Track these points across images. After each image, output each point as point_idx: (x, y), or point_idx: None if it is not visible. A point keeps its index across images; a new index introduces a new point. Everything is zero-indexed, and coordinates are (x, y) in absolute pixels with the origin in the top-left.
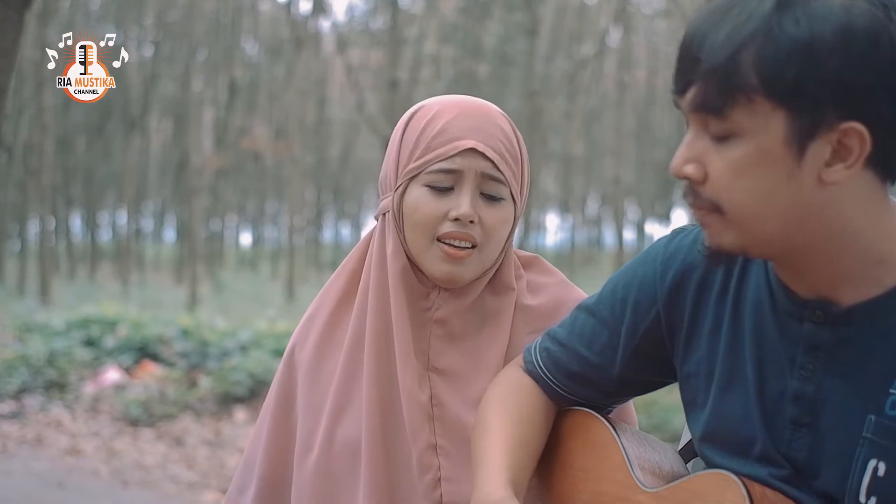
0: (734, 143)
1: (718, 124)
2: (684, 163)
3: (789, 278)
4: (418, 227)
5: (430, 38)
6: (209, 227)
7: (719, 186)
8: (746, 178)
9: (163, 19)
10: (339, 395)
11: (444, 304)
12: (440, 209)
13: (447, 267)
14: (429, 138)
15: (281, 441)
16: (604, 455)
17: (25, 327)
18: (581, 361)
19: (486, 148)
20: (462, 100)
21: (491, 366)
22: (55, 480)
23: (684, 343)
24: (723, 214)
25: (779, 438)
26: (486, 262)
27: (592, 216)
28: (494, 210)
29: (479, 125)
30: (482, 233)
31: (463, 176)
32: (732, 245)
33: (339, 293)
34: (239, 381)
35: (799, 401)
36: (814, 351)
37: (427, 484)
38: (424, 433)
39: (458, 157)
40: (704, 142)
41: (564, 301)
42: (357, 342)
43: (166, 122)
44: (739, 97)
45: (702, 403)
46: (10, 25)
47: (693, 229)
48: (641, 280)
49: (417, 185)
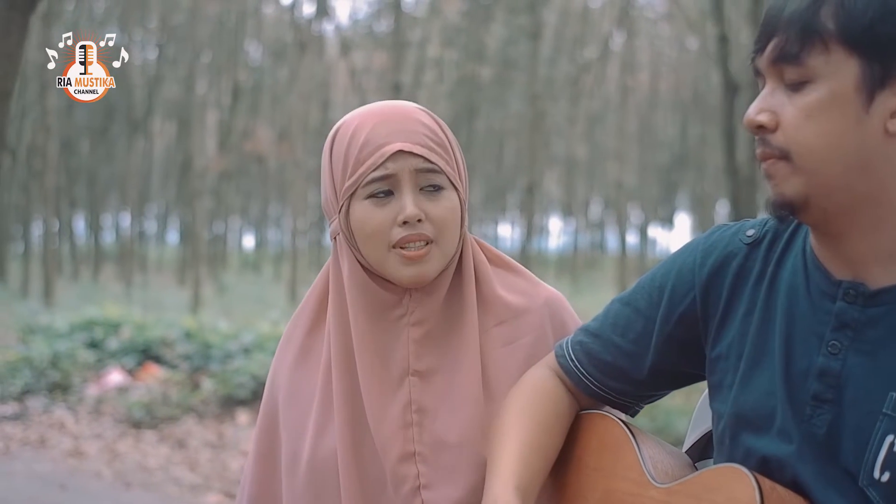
0: (808, 88)
1: (794, 71)
2: (758, 112)
3: (828, 255)
4: (370, 240)
5: (434, 41)
6: (212, 229)
7: (791, 131)
8: (817, 120)
9: (166, 22)
10: (318, 416)
11: (418, 306)
12: (387, 217)
13: (410, 270)
14: (356, 152)
15: (267, 463)
16: (618, 454)
17: (29, 329)
18: (615, 350)
19: (413, 145)
20: (378, 107)
21: (467, 359)
22: (58, 482)
23: (717, 326)
24: (791, 161)
25: (799, 414)
26: (448, 253)
27: (595, 220)
28: (438, 201)
29: (399, 127)
30: (433, 227)
31: (398, 178)
32: (796, 193)
33: (311, 315)
34: (242, 383)
35: (824, 376)
36: (843, 329)
37: (405, 494)
38: (398, 444)
39: (388, 163)
40: (778, 95)
41: (534, 297)
42: (329, 362)
43: (170, 125)
44: (817, 43)
45: (730, 384)
46: (14, 28)
47: (734, 224)
48: (680, 268)
49: (358, 200)
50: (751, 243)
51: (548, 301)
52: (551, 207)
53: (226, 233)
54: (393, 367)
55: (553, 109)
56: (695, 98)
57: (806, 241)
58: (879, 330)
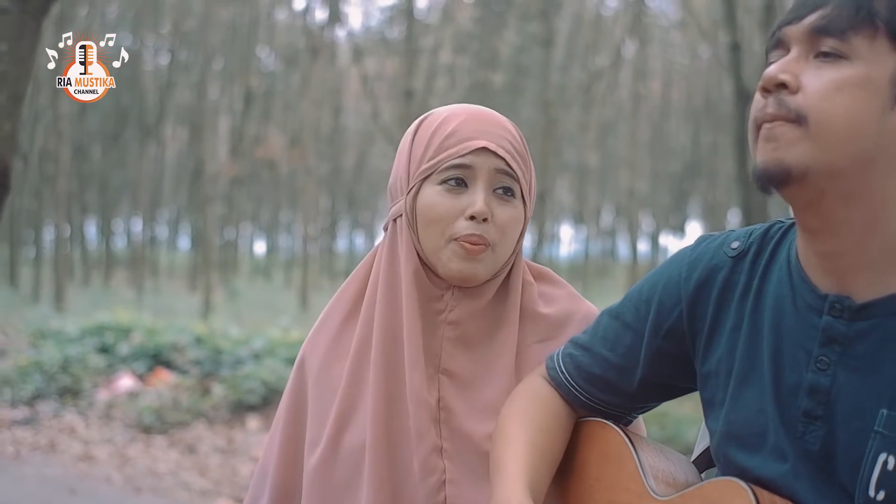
0: (842, 63)
1: (834, 43)
2: (781, 71)
3: (814, 264)
4: (433, 225)
5: (446, 48)
6: (224, 235)
7: (816, 97)
8: (846, 95)
9: (179, 27)
10: (344, 402)
11: (457, 306)
12: (455, 206)
13: (462, 264)
14: (440, 140)
15: (292, 449)
16: (619, 465)
17: (40, 334)
18: (604, 364)
19: (498, 147)
20: (469, 106)
21: (500, 371)
22: (68, 486)
23: (706, 342)
24: (805, 126)
25: (792, 431)
26: (500, 261)
27: (607, 227)
28: (507, 208)
29: (488, 127)
30: (496, 231)
31: (476, 173)
32: (798, 161)
33: (348, 302)
34: (252, 389)
35: (814, 393)
36: (830, 344)
37: (431, 486)
38: (430, 435)
39: (470, 156)
40: (805, 63)
41: (574, 313)
42: (363, 348)
43: (182, 130)
44: (867, 25)
45: (720, 401)
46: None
47: (719, 235)
48: (667, 282)
49: (431, 184)
50: (735, 256)
51: (587, 315)
52: (563, 215)
53: (237, 238)
54: (429, 359)
55: (565, 117)
56: (707, 106)
57: (791, 251)
58: (867, 345)
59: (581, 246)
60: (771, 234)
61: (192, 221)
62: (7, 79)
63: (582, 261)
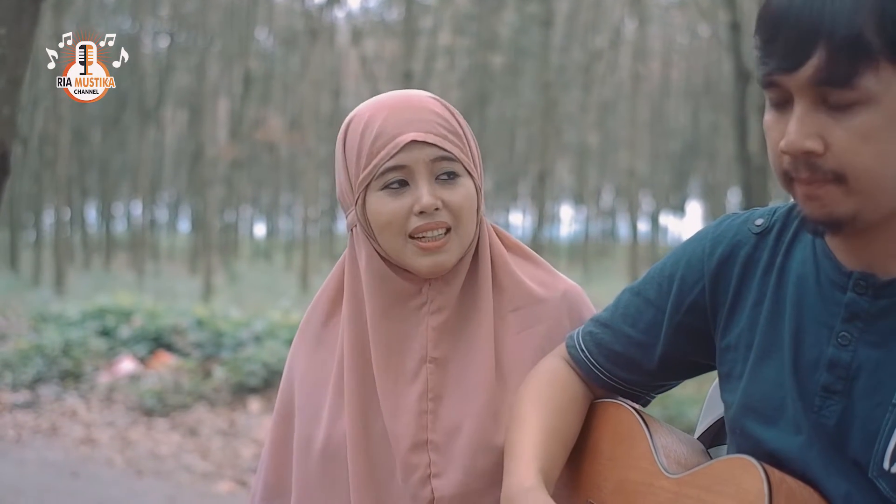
0: (858, 109)
1: (843, 94)
2: (805, 138)
3: (844, 249)
4: (387, 230)
5: (445, 29)
6: (224, 217)
7: (845, 154)
8: (874, 141)
9: (178, 10)
10: (333, 403)
11: (437, 295)
12: (403, 207)
13: (428, 259)
14: (369, 144)
15: (280, 449)
16: (631, 444)
17: (41, 317)
18: (625, 341)
19: (426, 135)
20: (389, 97)
21: (479, 346)
22: (69, 470)
23: (727, 316)
24: (845, 183)
25: (809, 405)
26: (465, 240)
27: (607, 208)
28: (455, 189)
29: (411, 117)
30: (451, 215)
31: (413, 169)
32: (847, 213)
33: (327, 305)
34: (253, 371)
35: (833, 368)
36: (853, 320)
37: (414, 484)
38: (411, 433)
39: (402, 154)
40: (820, 115)
41: (553, 288)
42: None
43: (181, 114)
44: (866, 64)
45: (739, 374)
46: (25, 16)
47: (742, 213)
48: (689, 258)
49: (374, 191)
50: (760, 233)
51: (566, 293)
52: (563, 195)
53: (237, 221)
54: (410, 356)
55: (565, 97)
56: (706, 86)
57: None
58: (890, 321)
59: (581, 226)
60: (795, 212)
61: (193, 204)
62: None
63: (582, 241)
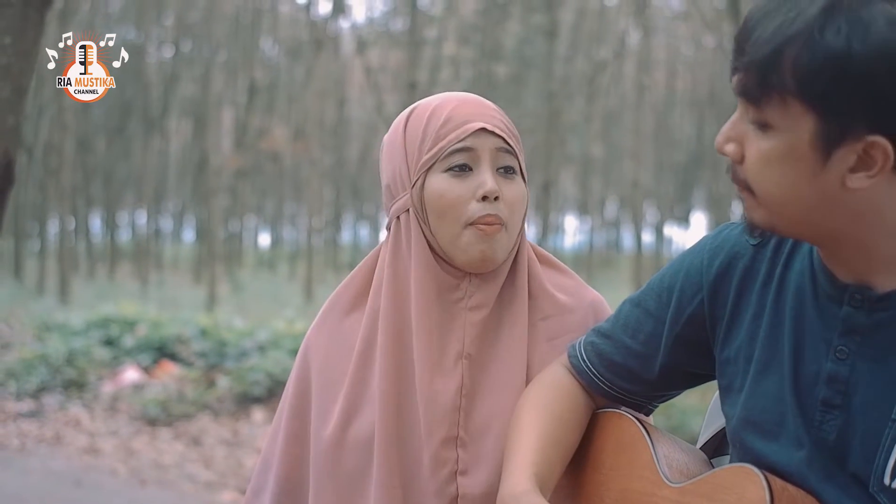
0: (769, 133)
1: (756, 112)
2: (726, 141)
3: (832, 262)
4: (447, 213)
5: (450, 39)
6: (228, 227)
7: (750, 171)
8: (773, 168)
9: (183, 20)
10: (352, 394)
11: (476, 291)
12: (465, 190)
13: (483, 246)
14: (436, 128)
15: (296, 442)
16: (634, 454)
17: (45, 326)
18: (625, 352)
19: (494, 127)
20: (453, 94)
21: (514, 347)
22: (73, 479)
23: (726, 329)
24: (753, 195)
25: (809, 420)
26: (512, 240)
27: (611, 218)
28: (513, 185)
29: (480, 110)
30: (506, 209)
31: (479, 155)
32: (763, 222)
33: (352, 296)
34: (257, 381)
35: (832, 382)
36: (850, 334)
37: (441, 480)
38: (444, 427)
39: (470, 139)
40: (746, 124)
41: (581, 298)
42: (370, 342)
43: (186, 123)
44: (775, 95)
45: (739, 388)
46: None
47: (740, 224)
48: (688, 269)
49: (436, 173)
50: (757, 244)
51: (593, 303)
52: (567, 206)
53: (241, 231)
54: (448, 349)
55: (569, 108)
56: (711, 97)
57: None
58: (886, 335)
59: (585, 237)
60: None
61: (197, 214)
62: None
63: (586, 252)
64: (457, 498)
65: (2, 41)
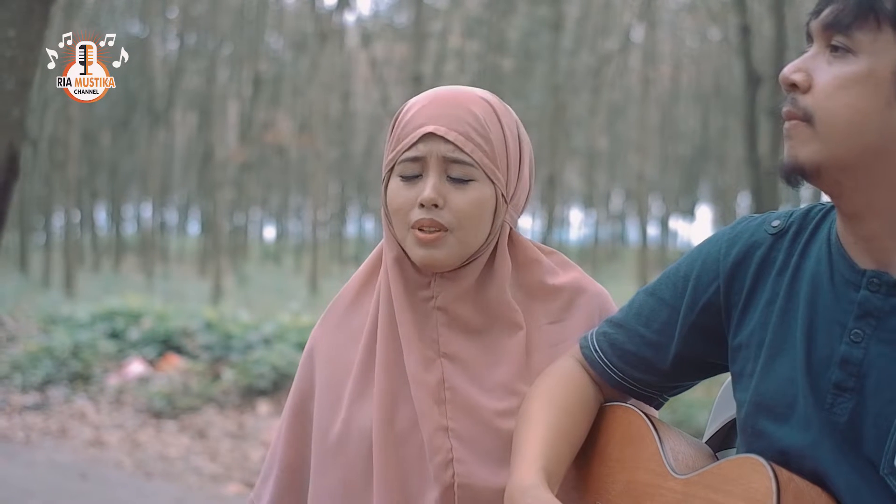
0: (849, 59)
1: (841, 38)
2: (795, 70)
3: (852, 241)
4: (396, 216)
5: (455, 32)
6: (233, 220)
7: (821, 96)
8: (848, 92)
9: (188, 13)
10: (356, 384)
11: (442, 291)
12: (410, 197)
13: (422, 251)
14: (399, 130)
15: (299, 430)
16: (640, 446)
17: (50, 319)
18: (639, 341)
19: (447, 131)
20: (436, 91)
21: (510, 355)
22: (78, 472)
23: (739, 315)
24: (812, 126)
25: (821, 402)
26: (467, 245)
27: (616, 211)
28: (463, 192)
29: (443, 111)
30: (451, 216)
31: (427, 162)
32: (809, 159)
33: (355, 288)
34: (262, 373)
35: (845, 365)
36: (866, 317)
37: (438, 466)
38: (433, 415)
39: (420, 144)
40: (820, 59)
41: (584, 291)
42: (372, 332)
43: (191, 116)
44: (870, 19)
45: (751, 372)
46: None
47: (759, 216)
48: (705, 258)
49: (395, 176)
50: (776, 234)
51: (597, 295)
52: (572, 199)
53: (247, 224)
54: (426, 347)
55: (574, 101)
56: (717, 89)
57: (831, 230)
58: None
59: (591, 230)
60: (812, 214)
61: (202, 207)
62: (15, 64)
63: (592, 245)
64: (454, 486)
65: (6, 33)
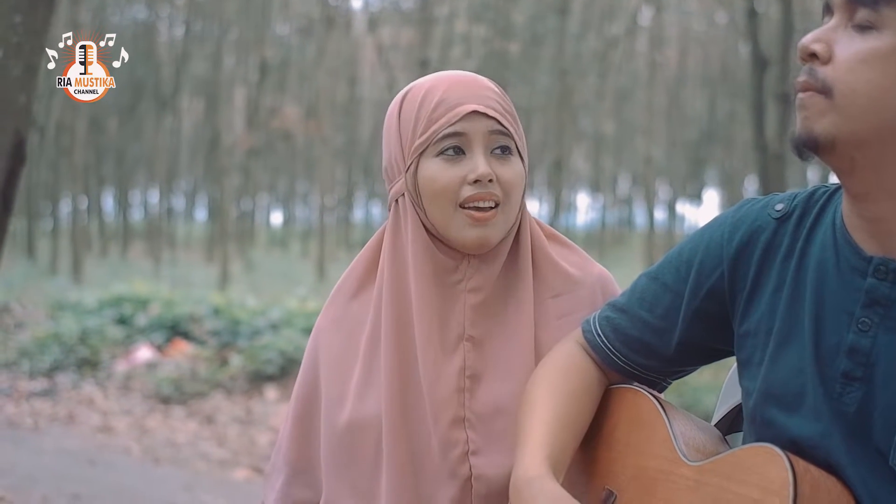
0: (874, 34)
1: (866, 13)
2: (815, 40)
3: (859, 226)
4: (439, 197)
5: (461, 17)
6: (240, 206)
7: (842, 69)
8: (871, 67)
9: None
10: (360, 380)
11: (475, 273)
12: (457, 174)
13: (476, 231)
14: (428, 111)
15: (303, 426)
16: (650, 431)
17: (58, 306)
18: (642, 326)
19: (487, 108)
20: (448, 74)
21: (520, 329)
22: (86, 458)
23: (745, 302)
24: (831, 98)
25: (829, 392)
26: (509, 221)
27: (623, 196)
28: (508, 165)
29: (474, 90)
30: (501, 190)
31: (471, 138)
32: (825, 132)
33: (358, 278)
34: (270, 359)
35: (853, 354)
36: (873, 305)
37: (453, 460)
38: (451, 408)
39: (462, 122)
40: (842, 31)
41: (588, 273)
42: (376, 327)
43: (198, 102)
44: None
45: (759, 361)
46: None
47: (762, 198)
48: (708, 243)
49: (429, 157)
50: (780, 218)
51: (600, 277)
52: (579, 183)
53: (254, 209)
54: (448, 331)
55: (581, 85)
56: (723, 73)
57: (836, 215)
58: None
59: (597, 214)
60: (816, 197)
61: (209, 192)
62: (22, 50)
63: (598, 229)
64: (471, 478)
65: (12, 19)
